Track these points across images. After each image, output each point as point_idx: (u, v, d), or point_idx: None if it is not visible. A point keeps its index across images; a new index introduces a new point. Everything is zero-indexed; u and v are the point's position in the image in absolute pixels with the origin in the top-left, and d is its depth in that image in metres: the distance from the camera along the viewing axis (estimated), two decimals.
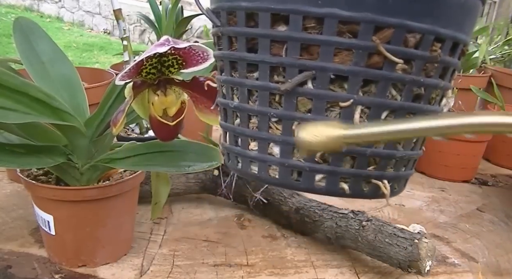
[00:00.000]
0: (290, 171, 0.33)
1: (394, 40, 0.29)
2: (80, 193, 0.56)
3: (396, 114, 0.31)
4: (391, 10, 0.28)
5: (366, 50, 0.29)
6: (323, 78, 0.30)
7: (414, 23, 0.29)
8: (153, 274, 0.61)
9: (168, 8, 1.08)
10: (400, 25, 0.29)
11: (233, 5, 0.32)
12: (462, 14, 0.31)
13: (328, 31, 0.29)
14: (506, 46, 1.40)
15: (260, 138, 0.33)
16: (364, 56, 0.29)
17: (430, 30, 0.29)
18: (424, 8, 0.29)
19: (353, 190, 0.32)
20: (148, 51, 0.43)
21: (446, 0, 0.30)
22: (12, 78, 0.49)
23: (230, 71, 0.35)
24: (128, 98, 0.47)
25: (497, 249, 0.75)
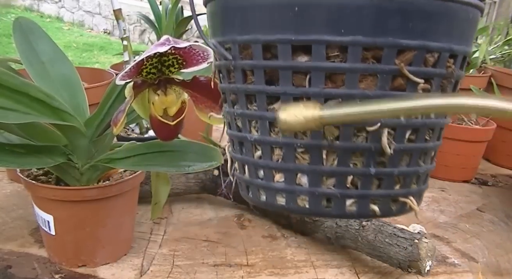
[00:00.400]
0: (320, 199, 0.33)
1: (415, 61, 0.30)
2: (80, 193, 0.56)
3: (419, 133, 0.32)
4: (412, 33, 0.29)
5: (390, 73, 0.30)
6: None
7: (433, 43, 0.30)
8: (153, 274, 0.61)
9: (168, 8, 1.08)
10: (420, 47, 0.29)
11: (249, 39, 0.32)
12: (469, 28, 0.32)
13: (352, 59, 0.29)
14: (506, 46, 1.40)
15: (287, 170, 0.33)
16: (388, 80, 0.30)
17: (446, 48, 0.31)
18: (441, 28, 0.30)
19: (382, 211, 0.33)
20: (149, 51, 0.43)
21: (458, 18, 0.30)
22: (12, 78, 0.49)
23: (246, 104, 0.34)
24: (129, 98, 0.47)
25: (497, 249, 0.75)
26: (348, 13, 0.28)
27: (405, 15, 0.29)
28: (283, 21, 0.30)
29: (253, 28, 0.32)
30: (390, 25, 0.29)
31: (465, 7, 0.31)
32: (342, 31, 0.29)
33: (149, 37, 3.39)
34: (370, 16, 0.28)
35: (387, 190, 0.33)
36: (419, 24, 0.29)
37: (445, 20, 0.30)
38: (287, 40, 0.30)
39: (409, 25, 0.29)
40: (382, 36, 0.29)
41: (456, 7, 0.30)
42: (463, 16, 0.31)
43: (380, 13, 0.28)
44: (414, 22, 0.29)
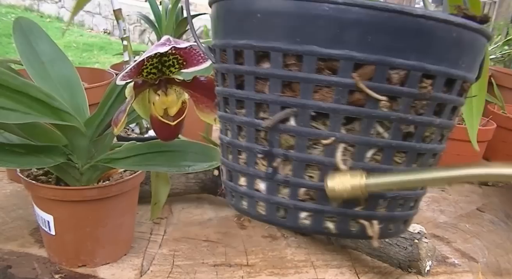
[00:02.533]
0: (276, 208, 0.33)
1: (376, 77, 0.28)
2: (80, 193, 0.56)
3: (384, 153, 0.30)
4: (371, 47, 0.28)
5: (346, 87, 0.29)
6: (304, 115, 0.30)
7: (396, 60, 0.28)
8: (153, 274, 0.61)
9: (168, 8, 1.08)
10: (380, 62, 0.28)
11: (224, 43, 0.33)
12: (458, 49, 0.30)
13: (307, 68, 0.29)
14: (506, 46, 1.41)
15: (248, 174, 0.33)
16: (344, 93, 0.29)
17: (416, 66, 0.28)
18: (408, 45, 0.28)
19: (339, 229, 0.32)
20: (149, 51, 0.43)
21: (433, 36, 0.28)
22: (12, 78, 0.49)
23: (224, 107, 0.35)
24: (129, 98, 0.47)
25: (497, 249, 0.75)
26: (305, 23, 0.28)
27: (364, 28, 0.28)
28: (249, 27, 0.31)
29: (227, 33, 0.33)
30: (346, 37, 0.28)
31: (445, 26, 0.28)
32: (297, 40, 0.28)
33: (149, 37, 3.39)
34: (326, 26, 0.28)
35: (345, 208, 0.31)
36: (380, 38, 0.28)
37: (415, 37, 0.28)
38: (249, 45, 0.30)
39: (367, 38, 0.28)
40: (337, 48, 0.28)
41: (429, 24, 0.28)
42: (443, 35, 0.29)
43: (337, 24, 0.28)
44: (374, 35, 0.28)
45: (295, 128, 0.30)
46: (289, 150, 0.31)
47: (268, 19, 0.29)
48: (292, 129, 0.30)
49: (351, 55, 0.28)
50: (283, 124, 0.31)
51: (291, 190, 0.32)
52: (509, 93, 1.23)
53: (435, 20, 0.28)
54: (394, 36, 0.28)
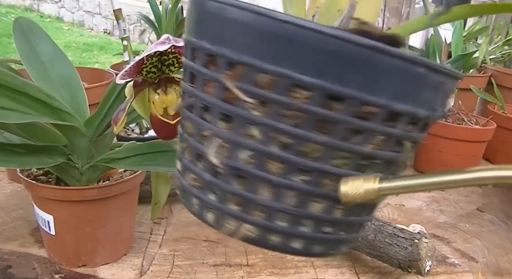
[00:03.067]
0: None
1: (245, 79, 0.27)
2: (80, 193, 0.56)
3: (256, 157, 0.29)
4: (244, 48, 0.27)
5: (217, 82, 0.28)
6: (196, 105, 0.30)
7: (264, 64, 0.27)
8: (153, 274, 0.61)
9: (168, 8, 1.08)
10: (249, 64, 0.27)
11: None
12: (338, 63, 0.26)
13: (199, 62, 0.30)
14: (506, 46, 1.41)
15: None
16: (219, 90, 0.28)
17: (283, 73, 0.26)
18: (277, 51, 0.27)
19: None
20: (149, 50, 0.43)
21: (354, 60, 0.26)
22: (12, 78, 0.49)
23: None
24: (129, 97, 0.47)
25: (497, 249, 0.75)
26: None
27: (241, 29, 0.27)
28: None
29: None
30: (226, 36, 0.28)
31: (366, 50, 0.25)
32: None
33: (149, 37, 3.39)
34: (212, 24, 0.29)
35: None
36: (250, 41, 0.27)
37: (280, 42, 0.26)
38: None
39: (241, 39, 0.28)
40: (217, 46, 0.29)
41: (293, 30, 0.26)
42: (360, 58, 0.26)
43: (219, 22, 0.28)
44: (245, 38, 0.27)
45: (190, 116, 0.31)
46: (188, 137, 0.32)
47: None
48: (188, 116, 0.31)
49: (223, 53, 0.28)
50: (188, 111, 0.31)
51: (189, 175, 0.32)
52: (509, 93, 1.23)
53: (350, 42, 0.25)
54: (262, 41, 0.27)
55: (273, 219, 0.30)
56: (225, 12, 0.27)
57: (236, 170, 0.29)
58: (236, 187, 0.30)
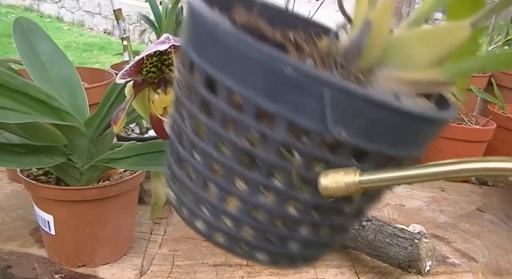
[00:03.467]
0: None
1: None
2: (80, 193, 0.56)
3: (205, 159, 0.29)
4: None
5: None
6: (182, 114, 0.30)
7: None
8: (153, 274, 0.61)
9: (168, 8, 1.08)
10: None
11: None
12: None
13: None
14: (506, 46, 1.41)
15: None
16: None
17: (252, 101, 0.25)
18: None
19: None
20: (149, 49, 0.43)
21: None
22: (12, 78, 0.49)
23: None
24: (129, 97, 0.47)
25: (497, 249, 0.75)
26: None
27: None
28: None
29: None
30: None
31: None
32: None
33: (149, 37, 3.39)
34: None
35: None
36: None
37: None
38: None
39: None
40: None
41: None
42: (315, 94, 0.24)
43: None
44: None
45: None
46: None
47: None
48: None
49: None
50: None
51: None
52: (509, 93, 1.23)
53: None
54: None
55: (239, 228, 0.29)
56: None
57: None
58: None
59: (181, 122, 0.29)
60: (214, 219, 0.30)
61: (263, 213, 0.28)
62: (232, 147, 0.27)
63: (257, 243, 0.29)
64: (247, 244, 0.30)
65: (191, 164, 0.29)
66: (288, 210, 0.28)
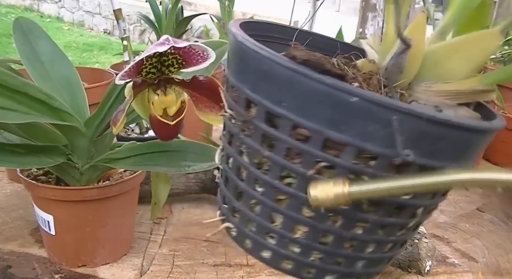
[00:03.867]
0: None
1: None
2: (80, 193, 0.56)
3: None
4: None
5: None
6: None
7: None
8: (153, 274, 0.61)
9: (168, 8, 1.08)
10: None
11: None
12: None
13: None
14: (506, 46, 1.40)
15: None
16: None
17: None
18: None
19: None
20: (148, 51, 0.43)
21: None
22: (12, 78, 0.49)
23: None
24: (128, 98, 0.47)
25: (497, 249, 0.75)
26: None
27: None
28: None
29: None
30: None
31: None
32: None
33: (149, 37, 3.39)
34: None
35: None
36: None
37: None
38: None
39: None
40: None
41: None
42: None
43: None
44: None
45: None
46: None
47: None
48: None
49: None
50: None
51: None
52: (509, 93, 1.23)
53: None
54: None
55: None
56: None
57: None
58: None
59: (238, 156, 0.30)
60: (281, 247, 0.31)
61: (331, 237, 0.29)
62: (299, 177, 0.27)
63: (325, 266, 0.30)
64: (315, 268, 0.31)
65: (253, 196, 0.30)
66: (356, 231, 0.29)
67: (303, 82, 0.25)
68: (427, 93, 0.31)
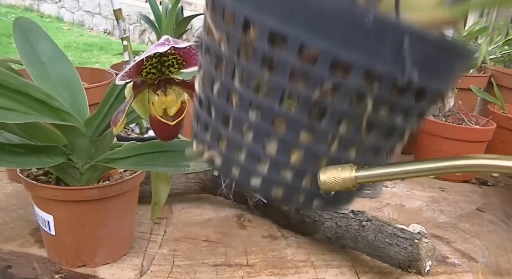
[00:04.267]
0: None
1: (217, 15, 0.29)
2: (80, 193, 0.56)
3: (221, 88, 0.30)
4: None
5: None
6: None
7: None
8: (153, 274, 0.61)
9: (168, 8, 1.08)
10: None
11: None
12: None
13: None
14: (506, 46, 1.41)
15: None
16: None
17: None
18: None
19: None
20: (148, 51, 0.43)
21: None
22: (12, 78, 0.49)
23: None
24: (128, 98, 0.47)
25: (497, 249, 0.75)
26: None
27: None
28: None
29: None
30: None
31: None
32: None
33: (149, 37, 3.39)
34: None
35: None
36: None
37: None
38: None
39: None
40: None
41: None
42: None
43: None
44: None
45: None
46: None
47: None
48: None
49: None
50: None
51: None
52: (509, 93, 1.23)
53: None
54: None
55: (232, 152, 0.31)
56: None
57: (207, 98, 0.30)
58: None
59: (229, 81, 0.29)
60: (274, 173, 0.30)
61: (326, 161, 0.29)
62: (302, 100, 0.27)
63: (316, 191, 0.30)
64: (306, 194, 0.31)
65: (246, 122, 0.29)
66: (351, 155, 0.30)
67: (316, 1, 0.24)
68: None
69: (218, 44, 0.29)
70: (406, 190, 0.94)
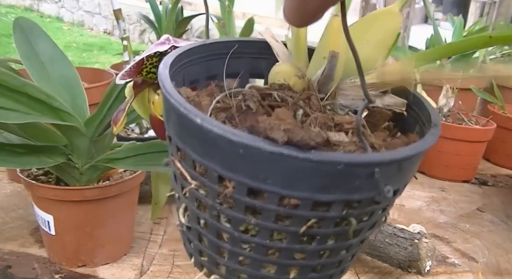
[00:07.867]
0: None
1: (188, 163, 0.31)
2: (80, 193, 0.56)
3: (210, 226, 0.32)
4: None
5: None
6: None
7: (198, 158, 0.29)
8: (153, 274, 0.61)
9: (168, 8, 1.08)
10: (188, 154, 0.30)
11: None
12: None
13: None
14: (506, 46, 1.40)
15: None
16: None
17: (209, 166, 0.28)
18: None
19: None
20: (149, 50, 0.43)
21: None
22: (12, 78, 0.49)
23: None
24: (129, 97, 0.47)
25: (497, 249, 0.75)
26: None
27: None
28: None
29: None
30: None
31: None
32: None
33: (149, 37, 3.39)
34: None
35: None
36: None
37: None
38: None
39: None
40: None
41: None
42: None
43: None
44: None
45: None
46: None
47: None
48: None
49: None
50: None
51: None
52: (509, 93, 1.23)
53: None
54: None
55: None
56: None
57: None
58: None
59: (216, 223, 0.30)
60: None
61: (320, 266, 0.31)
62: (291, 235, 0.28)
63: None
64: None
65: (241, 255, 0.30)
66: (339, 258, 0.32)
67: (288, 161, 0.25)
68: (353, 88, 0.33)
69: (196, 190, 0.30)
70: (406, 190, 0.94)
